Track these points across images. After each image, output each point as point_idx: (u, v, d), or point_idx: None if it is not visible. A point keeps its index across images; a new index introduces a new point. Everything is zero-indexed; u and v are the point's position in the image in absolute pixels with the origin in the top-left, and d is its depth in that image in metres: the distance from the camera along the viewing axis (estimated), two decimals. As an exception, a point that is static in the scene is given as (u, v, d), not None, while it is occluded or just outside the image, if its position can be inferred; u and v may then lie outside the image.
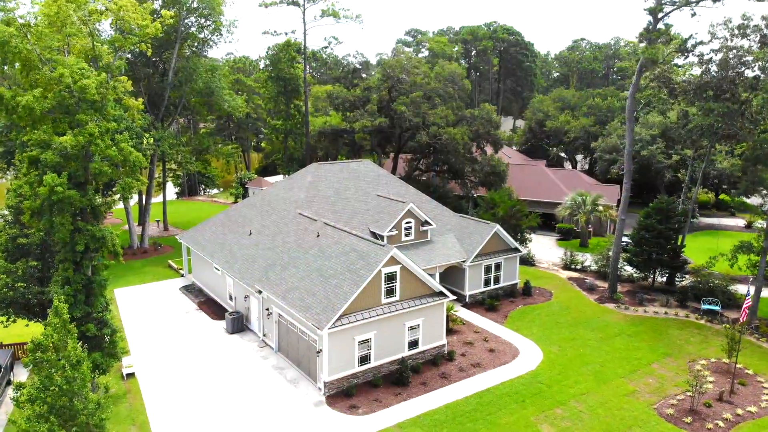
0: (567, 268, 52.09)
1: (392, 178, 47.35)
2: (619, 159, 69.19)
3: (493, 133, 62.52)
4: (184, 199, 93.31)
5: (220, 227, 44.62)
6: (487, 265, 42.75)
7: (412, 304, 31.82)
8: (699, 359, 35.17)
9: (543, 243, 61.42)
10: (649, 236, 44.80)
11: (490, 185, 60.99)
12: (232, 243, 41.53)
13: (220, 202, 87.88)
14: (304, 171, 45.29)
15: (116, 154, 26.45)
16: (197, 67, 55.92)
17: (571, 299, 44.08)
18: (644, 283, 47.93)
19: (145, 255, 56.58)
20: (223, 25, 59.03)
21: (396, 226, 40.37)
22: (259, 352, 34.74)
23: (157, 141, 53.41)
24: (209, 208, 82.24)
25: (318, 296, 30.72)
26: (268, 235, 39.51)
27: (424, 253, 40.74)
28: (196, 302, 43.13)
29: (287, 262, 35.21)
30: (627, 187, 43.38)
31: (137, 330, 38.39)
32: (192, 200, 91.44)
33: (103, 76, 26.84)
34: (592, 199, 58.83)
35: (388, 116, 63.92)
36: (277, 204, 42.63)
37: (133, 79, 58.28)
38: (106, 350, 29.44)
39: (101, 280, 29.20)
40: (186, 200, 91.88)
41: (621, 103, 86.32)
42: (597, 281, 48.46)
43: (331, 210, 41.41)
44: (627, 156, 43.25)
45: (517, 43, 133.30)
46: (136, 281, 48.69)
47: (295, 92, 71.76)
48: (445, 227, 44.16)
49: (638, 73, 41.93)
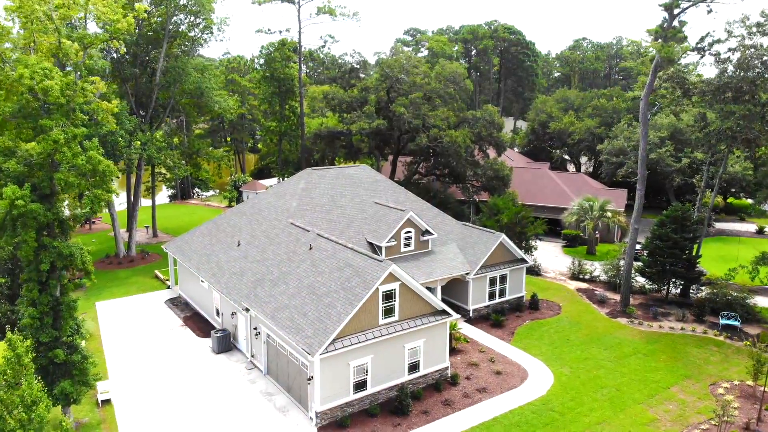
0: (575, 279, 49.49)
1: (390, 184, 44.75)
2: (626, 162, 66.60)
3: (496, 135, 59.94)
4: (177, 202, 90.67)
5: (208, 237, 42.00)
6: (492, 278, 40.15)
7: (413, 324, 29.21)
8: (721, 382, 32.62)
9: (548, 250, 58.82)
10: (663, 246, 42.22)
11: (493, 190, 58.41)
12: (219, 254, 38.91)
13: (213, 206, 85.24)
14: (297, 177, 42.67)
15: (84, 163, 23.83)
16: (186, 67, 53.24)
17: (581, 313, 41.48)
18: (657, 295, 45.33)
19: (132, 264, 53.91)
20: (214, 23, 56.38)
21: (395, 236, 37.79)
22: (247, 374, 32.10)
23: (143, 144, 50.74)
24: (202, 213, 79.58)
25: (309, 317, 28.10)
26: (258, 246, 36.89)
27: (425, 265, 38.14)
28: (182, 317, 40.51)
29: (277, 277, 32.58)
30: (640, 194, 40.80)
31: (117, 349, 35.75)
32: (185, 204, 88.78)
33: (70, 77, 24.25)
34: (600, 205, 56.25)
35: (386, 118, 61.36)
36: (268, 212, 40.01)
37: (120, 79, 55.86)
38: (76, 378, 26.84)
39: (70, 302, 26.54)
40: (179, 204, 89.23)
41: (627, 104, 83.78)
42: (607, 293, 45.86)
43: (326, 219, 38.81)
44: (640, 161, 40.67)
45: (518, 43, 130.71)
46: (120, 293, 46.04)
47: (290, 93, 69.13)
48: (447, 236, 41.58)
49: (653, 73, 39.35)
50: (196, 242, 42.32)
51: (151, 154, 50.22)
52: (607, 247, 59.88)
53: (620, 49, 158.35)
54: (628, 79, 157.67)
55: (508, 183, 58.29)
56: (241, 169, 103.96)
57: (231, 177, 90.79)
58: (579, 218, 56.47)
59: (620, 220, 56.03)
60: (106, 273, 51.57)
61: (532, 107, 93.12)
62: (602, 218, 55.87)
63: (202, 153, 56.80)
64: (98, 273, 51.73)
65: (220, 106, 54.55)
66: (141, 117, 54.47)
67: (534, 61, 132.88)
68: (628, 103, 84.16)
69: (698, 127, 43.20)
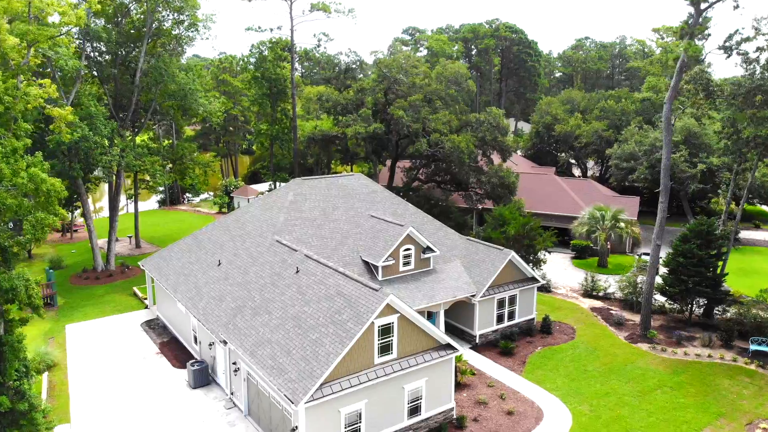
0: (588, 296, 45.78)
1: (388, 194, 41.01)
2: (638, 167, 62.94)
3: (501, 139, 56.20)
4: (166, 208, 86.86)
5: (188, 253, 38.25)
6: (500, 299, 36.44)
7: (413, 362, 25.50)
8: (758, 420, 29.01)
9: (556, 262, 55.09)
10: (687, 263, 38.56)
11: (498, 198, 54.69)
12: (198, 274, 35.16)
13: (203, 213, 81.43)
14: (285, 188, 38.91)
15: (25, 181, 20.11)
16: (169, 67, 49.41)
17: (598, 338, 37.77)
18: (679, 316, 41.67)
19: (110, 279, 50.04)
20: (200, 20, 52.61)
21: (393, 254, 34.07)
22: (226, 415, 28.36)
23: (122, 151, 46.96)
24: (191, 220, 75.78)
25: (294, 355, 24.37)
26: (240, 266, 33.14)
27: (426, 287, 34.43)
28: (158, 343, 36.74)
29: (259, 304, 28.84)
30: (663, 206, 37.11)
31: (83, 382, 31.98)
32: (174, 210, 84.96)
33: (11, 81, 20.55)
34: (612, 214, 52.53)
35: (384, 120, 57.65)
36: (253, 227, 36.26)
37: (98, 81, 52.08)
38: (25, 429, 23.10)
39: (16, 341, 22.78)
40: (168, 210, 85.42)
41: (635, 105, 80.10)
42: (624, 312, 42.18)
43: (316, 235, 35.06)
44: (664, 170, 36.97)
45: (520, 42, 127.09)
46: (94, 314, 42.24)
47: (282, 94, 65.32)
48: (450, 252, 37.88)
49: (677, 74, 35.64)
50: (175, 259, 38.58)
51: (129, 162, 46.43)
52: (619, 259, 56.27)
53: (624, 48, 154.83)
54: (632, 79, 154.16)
55: (514, 191, 54.59)
56: (234, 173, 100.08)
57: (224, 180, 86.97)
58: (590, 229, 52.77)
59: (634, 231, 52.32)
60: (81, 290, 47.81)
61: (537, 109, 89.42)
62: (615, 229, 52.18)
63: (186, 159, 52.93)
64: (73, 290, 48.22)
65: (205, 109, 50.76)
66: (120, 121, 50.68)
67: (536, 61, 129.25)
68: (637, 105, 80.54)
69: (726, 134, 39.51)
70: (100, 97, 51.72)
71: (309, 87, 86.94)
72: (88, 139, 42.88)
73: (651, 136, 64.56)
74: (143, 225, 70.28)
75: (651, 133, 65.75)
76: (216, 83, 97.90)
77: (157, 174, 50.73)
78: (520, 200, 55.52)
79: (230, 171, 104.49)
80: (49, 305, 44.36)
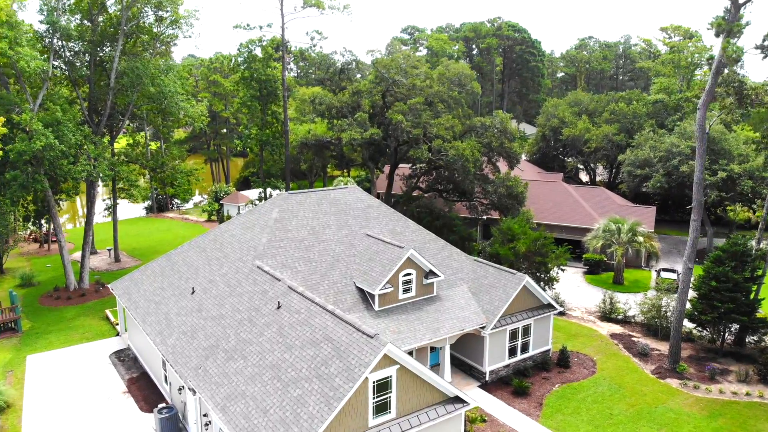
0: (606, 319, 41.62)
1: (386, 209, 36.82)
2: (654, 175, 58.78)
3: (508, 146, 52.00)
4: (153, 216, 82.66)
5: (160, 277, 34.05)
6: (512, 330, 32.28)
7: (416, 422, 21.34)
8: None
9: (569, 278, 50.91)
10: (721, 287, 34.43)
11: (506, 209, 50.51)
12: (170, 303, 30.97)
13: (191, 221, 77.23)
14: (270, 203, 34.70)
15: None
16: (148, 68, 45.19)
17: (622, 373, 33.58)
18: (708, 345, 37.52)
19: (83, 299, 45.78)
20: (183, 16, 48.46)
21: (391, 281, 29.91)
22: (195, 476, 24.22)
23: (94, 159, 42.76)
24: (178, 230, 71.62)
25: (271, 416, 20.20)
26: (216, 296, 28.96)
27: (430, 318, 30.27)
28: (127, 379, 32.55)
29: (234, 346, 24.66)
30: (696, 225, 32.93)
31: (38, 429, 27.80)
32: (161, 218, 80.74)
33: None
34: (629, 227, 48.40)
35: (381, 124, 53.47)
36: (232, 249, 32.06)
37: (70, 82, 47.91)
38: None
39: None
40: (155, 217, 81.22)
41: (647, 108, 75.97)
42: (647, 339, 38.07)
43: (304, 258, 30.88)
44: (697, 185, 32.81)
45: (523, 41, 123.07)
46: (59, 342, 38.03)
47: (273, 96, 61.08)
48: (455, 276, 33.72)
49: (713, 77, 31.46)
50: (147, 283, 34.39)
51: (102, 171, 42.22)
52: (635, 275, 52.15)
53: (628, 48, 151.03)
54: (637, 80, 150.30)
55: (522, 202, 50.41)
56: (225, 178, 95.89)
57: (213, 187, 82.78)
58: (605, 243, 48.64)
59: (653, 246, 48.13)
60: (50, 312, 43.59)
61: (542, 111, 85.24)
62: (632, 243, 48.05)
63: (168, 167, 48.68)
64: (41, 312, 43.90)
65: (186, 113, 46.53)
66: (95, 126, 46.45)
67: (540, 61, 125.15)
68: (648, 107, 76.42)
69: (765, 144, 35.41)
70: (73, 100, 47.55)
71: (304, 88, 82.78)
72: (54, 148, 38.69)
73: (667, 141, 60.45)
74: (126, 235, 66.18)
75: (667, 138, 61.64)
76: (207, 84, 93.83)
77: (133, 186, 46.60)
78: (528, 211, 51.37)
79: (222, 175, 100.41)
80: (11, 330, 40.23)
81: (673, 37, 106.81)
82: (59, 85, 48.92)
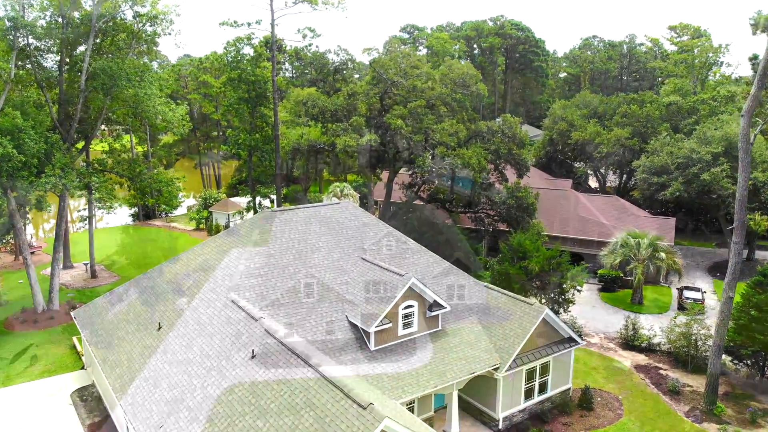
0: (628, 347, 37.48)
1: (383, 227, 32.64)
2: (672, 183, 54.65)
3: (516, 152, 47.90)
4: (138, 224, 78.39)
5: (126, 307, 29.88)
6: (529, 370, 28.15)
7: None
8: None
9: (582, 296, 46.50)
10: (762, 317, 30.35)
11: (515, 222, 46.38)
12: (134, 340, 26.81)
13: (178, 229, 73.02)
14: (251, 222, 30.53)
15: None
16: (122, 69, 40.99)
17: (652, 416, 29.43)
18: (745, 380, 33.40)
19: (51, 322, 41.50)
20: (161, 12, 44.33)
21: (390, 315, 25.80)
22: None
23: (62, 170, 38.56)
24: (162, 240, 67.49)
25: (238, 507, 16.05)
26: (184, 335, 24.79)
27: (434, 358, 26.12)
28: (87, 425, 28.38)
29: (199, 403, 20.49)
30: (738, 248, 28.84)
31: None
32: (147, 225, 76.52)
33: None
34: (649, 242, 44.26)
35: (380, 127, 49.28)
36: (205, 277, 27.86)
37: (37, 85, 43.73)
38: None
39: None
40: (140, 225, 76.98)
41: (661, 110, 71.85)
42: (676, 372, 33.95)
43: (288, 288, 26.68)
44: (739, 203, 28.75)
45: (526, 40, 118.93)
46: (18, 376, 33.75)
47: (262, 98, 56.90)
48: (463, 305, 29.58)
49: (760, 79, 27.29)
50: (112, 313, 30.22)
51: (69, 182, 38.05)
52: (654, 293, 48.09)
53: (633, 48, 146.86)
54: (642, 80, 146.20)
55: (533, 214, 46.30)
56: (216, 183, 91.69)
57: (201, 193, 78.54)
58: (624, 259, 44.53)
59: (676, 263, 43.98)
60: (14, 338, 39.31)
61: (549, 113, 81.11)
62: (653, 260, 43.92)
63: (145, 176, 44.49)
64: (5, 338, 39.39)
65: (163, 118, 42.35)
66: (65, 133, 42.25)
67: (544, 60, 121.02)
68: (662, 110, 72.29)
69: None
70: (41, 104, 43.36)
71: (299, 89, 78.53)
72: (12, 158, 34.51)
73: (685, 147, 56.33)
74: (106, 246, 61.98)
75: (685, 144, 57.53)
76: (197, 84, 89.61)
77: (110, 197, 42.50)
78: (539, 223, 47.32)
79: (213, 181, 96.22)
80: None
81: (681, 36, 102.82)
82: (28, 88, 44.78)
